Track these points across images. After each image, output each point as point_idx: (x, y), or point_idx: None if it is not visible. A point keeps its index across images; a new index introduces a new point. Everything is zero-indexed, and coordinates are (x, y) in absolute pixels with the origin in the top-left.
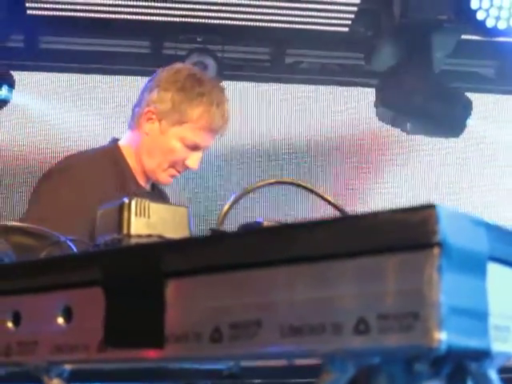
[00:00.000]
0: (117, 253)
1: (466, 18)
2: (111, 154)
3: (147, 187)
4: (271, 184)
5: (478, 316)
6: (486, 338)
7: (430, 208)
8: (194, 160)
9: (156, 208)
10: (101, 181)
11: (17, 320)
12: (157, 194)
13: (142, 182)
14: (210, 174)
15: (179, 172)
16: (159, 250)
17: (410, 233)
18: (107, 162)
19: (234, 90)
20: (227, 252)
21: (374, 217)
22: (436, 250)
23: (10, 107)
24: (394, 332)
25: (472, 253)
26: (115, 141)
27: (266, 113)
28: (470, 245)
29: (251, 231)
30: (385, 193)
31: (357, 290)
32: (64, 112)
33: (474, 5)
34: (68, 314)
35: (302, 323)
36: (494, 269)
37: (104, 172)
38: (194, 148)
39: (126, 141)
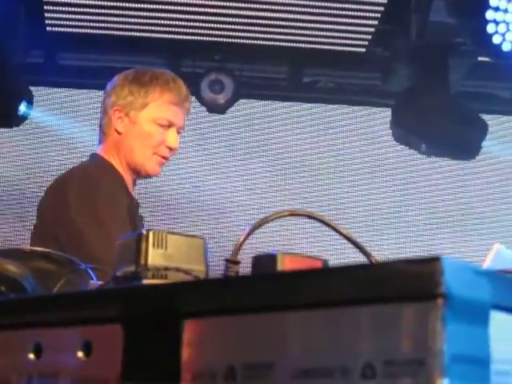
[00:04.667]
0: (136, 291)
1: (482, 41)
2: (106, 166)
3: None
4: (285, 216)
5: (481, 363)
6: None
7: (435, 260)
8: (172, 138)
9: (173, 239)
10: (118, 188)
11: (38, 351)
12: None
13: (131, 190)
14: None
15: (165, 158)
16: (177, 291)
17: (416, 283)
18: (110, 172)
19: (251, 108)
20: (242, 295)
21: (383, 267)
22: (440, 301)
23: (28, 123)
24: (399, 378)
25: (475, 302)
26: (96, 155)
27: (281, 132)
28: (473, 295)
29: (266, 275)
30: (403, 213)
31: (365, 336)
32: (82, 128)
33: (490, 29)
34: (88, 349)
35: (312, 367)
36: (496, 316)
37: (116, 180)
38: (169, 125)
39: (105, 152)
